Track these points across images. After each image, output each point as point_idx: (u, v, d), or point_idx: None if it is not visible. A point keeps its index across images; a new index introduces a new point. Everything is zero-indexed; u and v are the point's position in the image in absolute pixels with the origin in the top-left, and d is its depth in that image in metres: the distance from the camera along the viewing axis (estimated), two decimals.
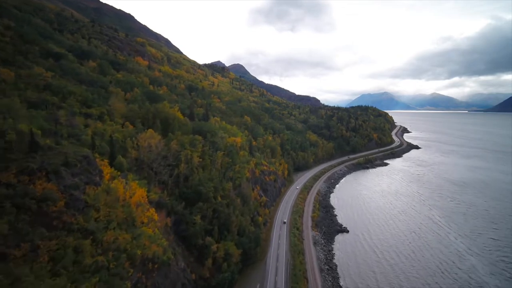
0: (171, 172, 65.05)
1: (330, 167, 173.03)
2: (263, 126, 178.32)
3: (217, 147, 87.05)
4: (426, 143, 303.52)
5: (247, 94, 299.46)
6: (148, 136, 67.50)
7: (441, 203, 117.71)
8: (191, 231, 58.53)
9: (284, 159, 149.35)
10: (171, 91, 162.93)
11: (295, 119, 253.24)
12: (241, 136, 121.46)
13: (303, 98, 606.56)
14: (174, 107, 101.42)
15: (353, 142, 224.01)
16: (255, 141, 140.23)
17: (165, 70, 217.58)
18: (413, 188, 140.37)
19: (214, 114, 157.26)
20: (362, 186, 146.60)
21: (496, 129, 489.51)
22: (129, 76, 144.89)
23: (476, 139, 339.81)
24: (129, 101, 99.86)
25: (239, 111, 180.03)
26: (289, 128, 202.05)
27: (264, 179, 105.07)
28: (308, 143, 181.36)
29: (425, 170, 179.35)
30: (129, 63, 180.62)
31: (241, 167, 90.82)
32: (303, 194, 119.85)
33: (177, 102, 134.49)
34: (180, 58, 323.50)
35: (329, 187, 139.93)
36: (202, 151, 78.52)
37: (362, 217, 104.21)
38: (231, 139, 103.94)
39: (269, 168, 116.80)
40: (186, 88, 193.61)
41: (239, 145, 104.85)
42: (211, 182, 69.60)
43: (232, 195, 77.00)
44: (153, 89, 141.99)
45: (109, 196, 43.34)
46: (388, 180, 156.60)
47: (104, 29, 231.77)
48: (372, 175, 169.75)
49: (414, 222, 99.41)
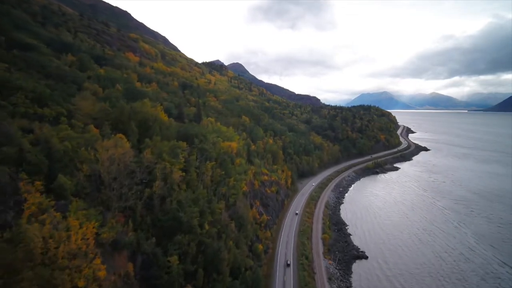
0: (141, 194, 48.30)
1: (337, 173, 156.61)
2: (263, 127, 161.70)
3: (208, 156, 70.34)
4: (435, 145, 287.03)
5: (245, 93, 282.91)
6: (111, 144, 50.59)
7: (469, 220, 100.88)
8: (164, 278, 41.93)
9: (287, 165, 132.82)
10: (162, 89, 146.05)
11: (297, 119, 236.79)
12: (238, 140, 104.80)
13: (303, 97, 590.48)
14: (156, 106, 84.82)
15: (360, 144, 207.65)
16: (254, 145, 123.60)
17: (158, 67, 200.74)
18: (432, 200, 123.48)
19: (209, 114, 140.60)
20: (374, 195, 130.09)
21: (507, 129, 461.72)
22: (114, 71, 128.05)
23: (489, 141, 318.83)
24: (103, 99, 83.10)
25: (237, 111, 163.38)
26: (291, 129, 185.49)
27: (264, 192, 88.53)
28: (312, 146, 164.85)
29: (441, 177, 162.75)
30: (117, 58, 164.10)
31: (237, 179, 74.21)
32: (309, 207, 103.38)
33: (165, 101, 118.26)
34: (176, 56, 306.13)
35: (338, 197, 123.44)
36: (186, 162, 61.79)
37: (380, 237, 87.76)
38: (226, 144, 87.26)
39: (271, 178, 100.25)
40: (180, 86, 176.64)
41: (235, 151, 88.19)
42: (195, 205, 52.92)
43: (225, 217, 60.43)
44: (140, 86, 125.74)
45: (17, 248, 26.73)
46: (401, 189, 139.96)
47: (93, 23, 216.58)
48: (383, 182, 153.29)
49: (441, 244, 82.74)
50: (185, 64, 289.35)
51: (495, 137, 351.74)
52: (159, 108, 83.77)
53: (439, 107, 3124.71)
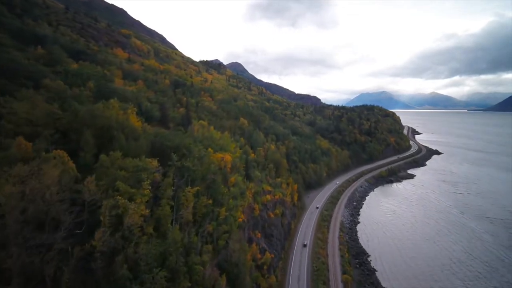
0: (71, 253, 29.11)
1: (347, 183, 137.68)
2: (264, 130, 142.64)
3: (190, 178, 51.03)
4: (447, 148, 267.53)
5: (244, 92, 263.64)
6: (27, 169, 31.35)
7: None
8: None
9: (292, 175, 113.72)
10: (149, 87, 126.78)
11: (300, 120, 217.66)
12: (234, 149, 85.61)
13: (304, 97, 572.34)
14: (128, 109, 65.71)
15: (370, 149, 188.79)
16: (253, 153, 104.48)
17: (150, 64, 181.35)
18: (461, 219, 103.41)
19: (201, 116, 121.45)
20: (392, 212, 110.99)
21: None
22: (93, 67, 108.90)
23: (505, 144, 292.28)
24: (55, 99, 63.73)
25: (234, 112, 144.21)
26: (295, 132, 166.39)
27: (267, 218, 69.43)
28: (319, 151, 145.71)
29: (464, 188, 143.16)
30: (101, 53, 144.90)
31: (231, 207, 55.16)
32: (321, 230, 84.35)
33: (150, 101, 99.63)
34: (171, 53, 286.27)
35: (353, 215, 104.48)
36: (157, 191, 42.58)
37: (410, 273, 69.09)
38: (218, 156, 68.03)
39: (274, 196, 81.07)
40: (171, 84, 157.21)
41: (229, 166, 68.98)
42: (163, 264, 33.76)
43: (211, 272, 41.32)
44: (123, 84, 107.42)
45: None
46: (421, 204, 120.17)
47: (79, 17, 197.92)
48: (400, 194, 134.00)
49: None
50: (181, 61, 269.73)
51: (508, 139, 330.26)
52: (130, 111, 64.51)
53: (438, 107, 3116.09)
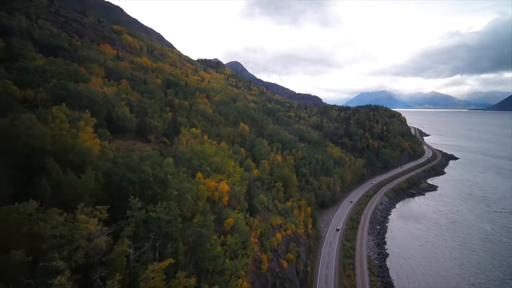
0: None
1: (366, 198, 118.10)
2: (267, 137, 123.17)
3: (161, 236, 31.16)
4: (463, 153, 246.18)
5: (244, 93, 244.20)
6: None
7: None
8: None
9: (304, 194, 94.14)
10: (134, 88, 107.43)
11: (306, 123, 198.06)
12: (234, 167, 65.85)
13: (304, 97, 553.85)
14: (81, 119, 46.17)
15: (385, 155, 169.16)
16: (257, 169, 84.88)
17: (142, 62, 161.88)
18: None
19: (194, 123, 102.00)
20: (423, 240, 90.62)
21: None
22: (61, 64, 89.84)
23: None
24: None
25: (233, 116, 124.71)
26: (302, 138, 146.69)
27: (278, 270, 49.79)
28: (331, 161, 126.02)
29: (497, 205, 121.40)
30: (83, 49, 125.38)
31: (228, 271, 35.70)
32: (346, 273, 64.74)
33: (131, 105, 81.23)
34: (167, 51, 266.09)
35: (379, 245, 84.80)
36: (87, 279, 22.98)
37: None
38: (211, 184, 48.30)
39: (286, 231, 61.40)
40: (163, 84, 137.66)
41: (226, 199, 49.27)
42: None
43: None
44: (102, 84, 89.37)
45: None
46: (457, 228, 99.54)
47: (62, 10, 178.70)
48: (425, 213, 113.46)
49: None
50: (176, 60, 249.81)
51: None
52: (82, 124, 44.84)
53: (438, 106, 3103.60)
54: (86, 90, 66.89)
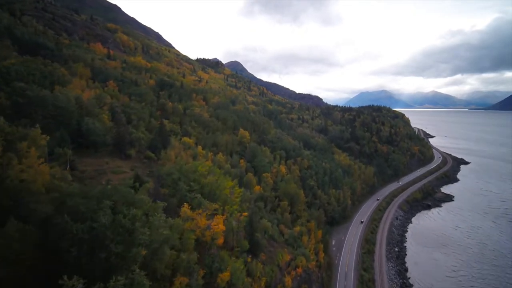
0: None
1: (378, 213, 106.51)
2: (269, 144, 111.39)
3: None
4: (473, 158, 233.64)
5: (244, 93, 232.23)
6: None
7: None
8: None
9: (312, 211, 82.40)
10: (122, 90, 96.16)
11: (310, 127, 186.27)
12: (231, 192, 54.01)
13: (305, 97, 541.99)
14: (26, 139, 34.37)
15: (395, 162, 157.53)
16: (258, 186, 73.19)
17: (134, 61, 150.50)
18: None
19: (187, 130, 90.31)
20: (448, 267, 78.82)
21: None
22: (35, 63, 78.81)
23: None
24: None
25: (232, 120, 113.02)
26: (307, 143, 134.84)
27: None
28: (340, 171, 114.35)
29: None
30: (69, 48, 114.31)
31: None
32: None
33: (114, 111, 70.21)
34: (163, 50, 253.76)
35: (401, 273, 73.05)
36: None
37: None
38: (201, 223, 36.79)
39: (296, 269, 49.76)
40: (157, 85, 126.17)
41: (221, 240, 37.72)
42: None
43: None
44: (85, 85, 77.90)
45: None
46: (485, 252, 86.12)
47: (50, 7, 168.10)
48: (445, 230, 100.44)
49: None
50: (173, 59, 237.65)
51: None
52: (24, 145, 33.00)
53: (438, 106, 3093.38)
54: (52, 96, 54.92)
